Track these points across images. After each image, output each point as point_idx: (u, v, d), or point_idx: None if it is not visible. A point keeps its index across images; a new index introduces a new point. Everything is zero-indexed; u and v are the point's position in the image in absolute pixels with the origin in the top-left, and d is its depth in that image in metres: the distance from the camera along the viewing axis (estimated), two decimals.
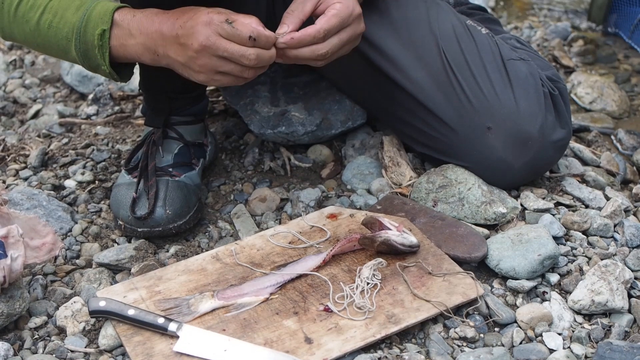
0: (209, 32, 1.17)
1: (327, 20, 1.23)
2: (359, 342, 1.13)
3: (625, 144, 1.74)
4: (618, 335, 1.18)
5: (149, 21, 1.22)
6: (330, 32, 1.24)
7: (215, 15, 1.18)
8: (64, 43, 1.28)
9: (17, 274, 1.16)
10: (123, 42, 1.24)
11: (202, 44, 1.17)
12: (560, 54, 2.16)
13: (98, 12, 1.25)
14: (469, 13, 1.65)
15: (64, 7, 1.27)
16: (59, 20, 1.27)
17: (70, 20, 1.26)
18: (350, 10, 1.25)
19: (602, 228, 1.40)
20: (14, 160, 1.68)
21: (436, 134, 1.45)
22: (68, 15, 1.26)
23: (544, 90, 1.44)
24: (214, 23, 1.17)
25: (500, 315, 1.21)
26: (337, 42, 1.25)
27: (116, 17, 1.24)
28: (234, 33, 1.17)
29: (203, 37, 1.17)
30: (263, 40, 1.19)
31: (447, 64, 1.43)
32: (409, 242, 1.27)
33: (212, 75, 1.21)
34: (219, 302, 1.19)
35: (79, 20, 1.25)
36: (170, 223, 1.37)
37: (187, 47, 1.19)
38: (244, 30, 1.17)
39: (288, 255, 1.30)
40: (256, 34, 1.17)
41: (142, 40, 1.23)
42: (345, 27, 1.25)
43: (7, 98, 1.97)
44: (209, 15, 1.18)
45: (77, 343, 1.17)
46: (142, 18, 1.23)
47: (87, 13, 1.25)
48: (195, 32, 1.18)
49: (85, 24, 1.25)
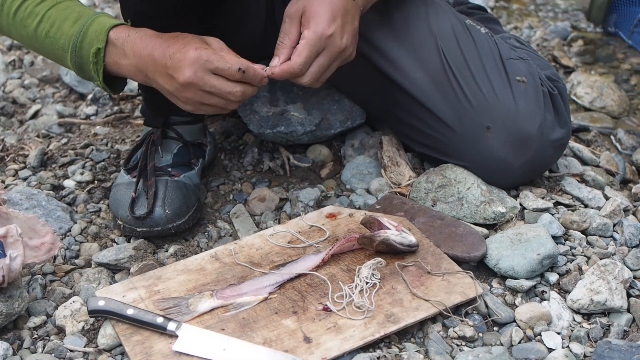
0: (196, 68, 1.18)
1: (299, 53, 1.24)
2: (358, 341, 1.13)
3: (625, 144, 1.74)
4: (617, 334, 1.18)
5: (142, 44, 1.23)
6: (306, 63, 1.24)
7: (204, 51, 1.18)
8: (60, 53, 1.29)
9: (16, 273, 1.16)
10: (117, 60, 1.26)
11: (188, 80, 1.19)
12: (560, 54, 2.16)
13: (95, 28, 1.26)
14: (469, 12, 1.65)
15: (62, 18, 1.28)
16: (56, 31, 1.28)
17: (67, 33, 1.27)
18: (319, 34, 1.23)
19: (601, 227, 1.40)
20: (13, 161, 1.68)
21: (435, 134, 1.45)
22: (65, 27, 1.28)
23: (543, 89, 1.44)
24: (201, 60, 1.18)
25: (499, 315, 1.21)
26: (317, 68, 1.26)
27: (111, 35, 1.25)
28: (223, 67, 1.18)
29: (190, 72, 1.18)
30: (251, 74, 1.20)
31: (446, 64, 1.43)
32: (408, 242, 1.27)
33: (198, 106, 1.24)
34: (218, 301, 1.19)
35: (75, 34, 1.26)
36: (170, 223, 1.37)
37: (174, 79, 1.20)
38: (234, 63, 1.18)
39: (287, 254, 1.30)
40: (245, 66, 1.19)
41: (135, 62, 1.24)
42: (320, 51, 1.25)
43: (7, 98, 1.97)
44: (197, 51, 1.18)
45: (76, 342, 1.17)
46: (136, 39, 1.24)
47: (84, 28, 1.26)
48: (182, 67, 1.19)
49: (82, 38, 1.26)
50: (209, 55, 1.19)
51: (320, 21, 1.24)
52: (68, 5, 1.31)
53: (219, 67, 1.18)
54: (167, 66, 1.20)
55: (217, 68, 1.18)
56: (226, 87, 1.20)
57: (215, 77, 1.19)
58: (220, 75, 1.19)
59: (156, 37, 1.24)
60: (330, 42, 1.25)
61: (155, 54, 1.22)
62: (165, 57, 1.21)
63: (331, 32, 1.24)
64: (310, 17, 1.25)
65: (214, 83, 1.19)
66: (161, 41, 1.23)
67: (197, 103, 1.23)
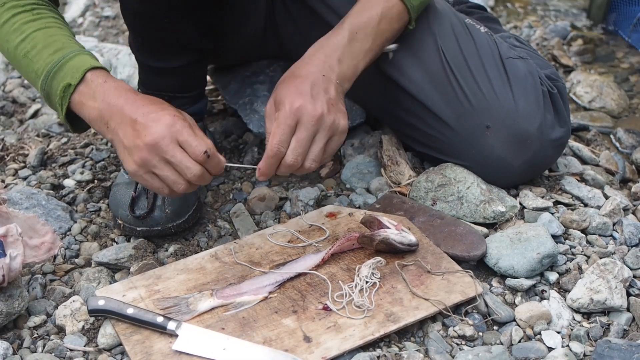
0: (167, 132, 1.15)
1: (273, 134, 1.21)
2: (358, 340, 1.13)
3: (625, 143, 1.74)
4: (617, 333, 1.18)
5: (116, 93, 1.21)
6: (283, 141, 1.21)
7: (180, 121, 1.17)
8: (33, 76, 1.28)
9: (16, 272, 1.16)
10: (84, 100, 1.23)
11: (154, 141, 1.15)
12: (560, 53, 2.16)
13: (73, 64, 1.24)
14: (469, 12, 1.65)
15: (44, 44, 1.27)
16: (35, 54, 1.27)
17: (45, 60, 1.26)
18: (287, 110, 1.21)
19: (601, 227, 1.40)
20: (13, 160, 1.68)
21: (435, 133, 1.45)
22: (44, 54, 1.26)
23: (542, 89, 1.44)
24: (176, 127, 1.16)
25: (499, 314, 1.21)
26: (297, 143, 1.21)
27: (88, 75, 1.23)
28: (192, 142, 1.16)
29: (159, 135, 1.15)
30: (214, 161, 1.18)
31: (446, 63, 1.43)
32: (408, 241, 1.27)
33: (144, 172, 1.18)
34: (218, 300, 1.19)
35: (52, 63, 1.25)
36: (169, 222, 1.37)
37: (139, 136, 1.17)
38: (203, 143, 1.16)
39: (287, 254, 1.30)
40: (212, 152, 1.17)
41: (101, 107, 1.21)
42: (294, 126, 1.21)
43: (6, 98, 1.97)
44: (174, 118, 1.17)
45: (76, 342, 1.17)
46: (111, 88, 1.22)
47: (63, 60, 1.24)
48: (153, 127, 1.16)
49: (57, 70, 1.24)
50: (183, 125, 1.17)
51: (287, 100, 1.22)
52: (55, 32, 1.29)
53: (188, 141, 1.15)
54: (137, 122, 1.17)
55: (186, 141, 1.16)
56: (187, 162, 1.16)
57: (179, 149, 1.16)
58: (184, 150, 1.17)
59: (132, 93, 1.22)
60: (301, 113, 1.21)
61: (126, 108, 1.19)
62: (138, 113, 1.18)
63: (299, 104, 1.21)
64: (279, 102, 1.23)
65: (176, 154, 1.15)
66: (136, 98, 1.21)
67: (146, 168, 1.18)
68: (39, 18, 1.30)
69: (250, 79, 1.73)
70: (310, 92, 1.23)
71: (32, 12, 1.31)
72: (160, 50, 1.40)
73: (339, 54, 1.30)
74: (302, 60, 1.31)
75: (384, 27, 1.34)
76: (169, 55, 1.41)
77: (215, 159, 1.19)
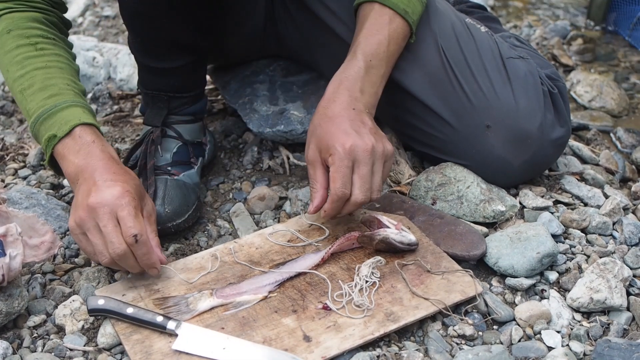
0: (110, 202, 1.15)
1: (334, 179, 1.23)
2: (358, 340, 1.13)
3: (625, 142, 1.74)
4: (616, 333, 1.18)
5: (100, 155, 1.22)
6: (346, 183, 1.23)
7: (129, 198, 1.17)
8: (25, 113, 1.30)
9: (16, 272, 1.16)
10: (66, 153, 1.24)
11: (95, 205, 1.16)
12: (560, 53, 2.16)
13: (64, 115, 1.25)
14: (469, 11, 1.65)
15: (41, 86, 1.28)
16: (30, 94, 1.28)
17: (38, 103, 1.27)
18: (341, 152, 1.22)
19: (600, 226, 1.40)
20: (12, 160, 1.68)
21: (435, 132, 1.45)
22: (39, 96, 1.27)
23: (543, 88, 1.44)
24: (121, 201, 1.16)
25: (499, 313, 1.21)
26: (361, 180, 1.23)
27: (77, 131, 1.24)
28: (126, 221, 1.15)
29: (101, 201, 1.16)
30: (142, 250, 1.16)
31: (446, 62, 1.43)
32: (408, 240, 1.27)
33: (79, 231, 1.18)
34: (217, 300, 1.19)
35: (44, 108, 1.26)
36: (169, 221, 1.37)
37: (87, 195, 1.17)
38: (135, 226, 1.15)
39: (287, 253, 1.30)
40: (143, 239, 1.15)
41: (80, 163, 1.22)
42: (352, 165, 1.23)
43: (6, 97, 1.97)
44: (125, 192, 1.17)
45: (76, 341, 1.17)
46: (97, 149, 1.23)
47: (54, 110, 1.25)
48: (102, 193, 1.17)
49: (47, 117, 1.25)
50: (129, 203, 1.16)
51: (337, 143, 1.23)
52: (54, 75, 1.30)
53: (125, 218, 1.15)
54: (95, 184, 1.18)
55: (123, 217, 1.15)
56: (114, 236, 1.15)
57: (114, 222, 1.15)
58: (118, 225, 1.16)
59: (113, 161, 1.23)
60: (355, 152, 1.23)
61: (98, 170, 1.20)
62: (102, 177, 1.19)
63: (350, 144, 1.23)
64: (327, 148, 1.24)
65: (109, 225, 1.15)
66: (112, 165, 1.21)
67: (82, 229, 1.18)
68: (42, 55, 1.31)
69: (250, 78, 1.73)
70: (352, 128, 1.25)
71: (35, 47, 1.31)
72: (160, 50, 1.40)
73: (359, 85, 1.32)
74: (327, 99, 1.31)
75: (392, 48, 1.36)
76: (168, 55, 1.41)
77: (143, 248, 1.16)
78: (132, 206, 1.17)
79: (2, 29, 1.33)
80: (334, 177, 1.23)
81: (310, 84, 1.69)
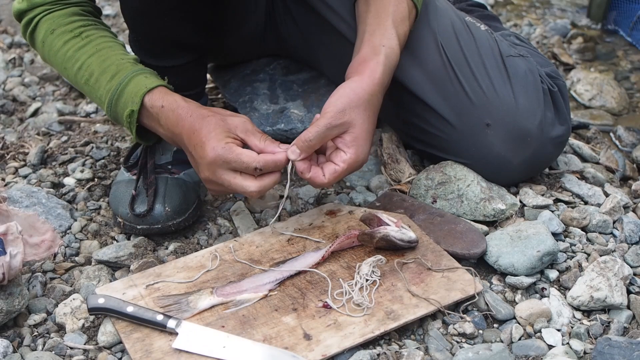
0: (214, 168, 1.23)
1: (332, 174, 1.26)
2: (358, 338, 1.13)
3: (625, 141, 1.74)
4: (617, 331, 1.18)
5: (174, 119, 1.27)
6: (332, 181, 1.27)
7: (220, 151, 1.21)
8: (98, 102, 1.35)
9: (16, 271, 1.16)
10: (154, 125, 1.31)
11: (206, 178, 1.26)
12: (560, 51, 2.16)
13: (131, 89, 1.29)
14: (469, 10, 1.65)
15: (100, 71, 1.32)
16: (95, 82, 1.33)
17: (105, 87, 1.32)
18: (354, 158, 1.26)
19: (601, 224, 1.40)
20: (13, 158, 1.68)
21: (435, 131, 1.45)
22: (103, 81, 1.32)
23: (543, 86, 1.44)
24: (218, 161, 1.21)
25: (499, 312, 1.21)
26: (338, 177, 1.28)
27: (146, 101, 1.29)
28: (239, 167, 1.21)
29: (208, 173, 1.24)
30: (270, 167, 1.23)
31: (446, 61, 1.43)
32: (408, 238, 1.27)
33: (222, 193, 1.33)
34: (218, 298, 1.19)
35: (112, 90, 1.31)
36: (170, 220, 1.37)
37: (198, 170, 1.28)
38: (250, 162, 1.21)
39: (287, 252, 1.30)
40: (262, 163, 1.21)
41: (169, 135, 1.30)
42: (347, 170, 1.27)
43: (7, 96, 1.97)
44: (214, 152, 1.21)
45: (76, 340, 1.17)
46: (169, 113, 1.28)
47: (120, 87, 1.30)
48: (201, 165, 1.25)
49: (118, 96, 1.30)
50: (226, 156, 1.21)
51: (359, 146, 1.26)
52: (108, 55, 1.34)
53: (236, 168, 1.22)
54: (192, 155, 1.27)
55: (234, 168, 1.22)
56: (242, 184, 1.22)
57: (232, 175, 1.23)
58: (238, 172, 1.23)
59: (185, 116, 1.26)
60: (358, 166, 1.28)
61: (184, 137, 1.26)
62: (191, 145, 1.25)
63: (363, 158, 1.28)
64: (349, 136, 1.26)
65: (230, 181, 1.23)
66: (189, 122, 1.26)
67: (222, 191, 1.31)
68: (89, 41, 1.35)
69: (250, 77, 1.73)
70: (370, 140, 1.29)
71: (81, 37, 1.35)
72: (160, 48, 1.40)
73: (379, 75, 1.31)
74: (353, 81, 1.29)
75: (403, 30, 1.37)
76: (168, 53, 1.41)
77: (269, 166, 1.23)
78: (229, 152, 1.21)
79: (45, 32, 1.37)
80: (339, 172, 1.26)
81: (310, 83, 1.69)
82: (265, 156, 1.22)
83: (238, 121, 1.26)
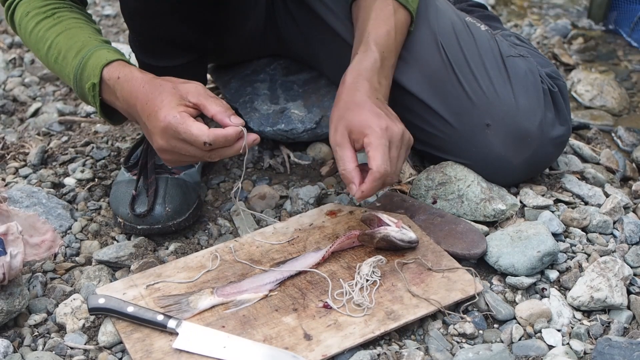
0: (167, 137, 1.19)
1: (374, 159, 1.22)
2: (358, 338, 1.13)
3: (625, 141, 1.74)
4: (617, 331, 1.18)
5: (128, 89, 1.24)
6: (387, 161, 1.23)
7: (172, 120, 1.17)
8: (67, 79, 1.33)
9: (17, 271, 1.16)
10: (112, 100, 1.28)
11: (160, 147, 1.21)
12: (560, 52, 2.16)
13: (92, 63, 1.27)
14: (469, 10, 1.65)
15: (67, 47, 1.31)
16: (62, 60, 1.31)
17: (71, 63, 1.30)
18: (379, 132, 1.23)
19: (601, 225, 1.40)
20: (13, 158, 1.68)
21: (435, 131, 1.45)
22: (69, 57, 1.30)
23: (543, 87, 1.44)
24: (169, 130, 1.18)
25: (500, 312, 1.21)
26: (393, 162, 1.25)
27: (104, 74, 1.26)
28: (189, 140, 1.17)
29: (161, 142, 1.20)
30: (220, 142, 1.18)
31: (446, 61, 1.43)
32: (408, 238, 1.27)
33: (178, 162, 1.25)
34: (218, 299, 1.19)
35: (76, 65, 1.29)
36: (170, 220, 1.37)
37: (151, 140, 1.23)
38: (199, 136, 1.16)
39: (287, 252, 1.30)
40: (212, 138, 1.17)
41: (125, 107, 1.26)
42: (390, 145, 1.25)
43: (7, 96, 1.97)
44: (165, 120, 1.17)
45: (76, 340, 1.17)
46: (124, 84, 1.24)
47: (83, 61, 1.28)
48: (154, 134, 1.21)
49: (81, 71, 1.28)
50: (177, 125, 1.17)
51: (374, 124, 1.24)
52: (75, 33, 1.32)
53: (186, 140, 1.18)
54: (146, 126, 1.22)
55: (185, 140, 1.18)
56: (196, 152, 1.19)
57: (186, 144, 1.18)
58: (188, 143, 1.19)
59: (139, 86, 1.23)
60: (391, 133, 1.25)
61: (139, 107, 1.22)
62: (144, 115, 1.21)
63: (386, 125, 1.25)
64: (362, 129, 1.25)
65: (187, 149, 1.19)
66: (143, 92, 1.22)
67: (177, 161, 1.24)
68: (60, 21, 1.33)
69: (250, 77, 1.73)
70: (384, 113, 1.27)
71: (53, 17, 1.34)
72: (160, 49, 1.41)
73: (377, 77, 1.34)
74: (349, 88, 1.31)
75: (399, 39, 1.38)
76: (169, 54, 1.41)
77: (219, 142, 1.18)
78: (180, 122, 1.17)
79: (21, 14, 1.36)
80: (374, 155, 1.23)
81: (310, 83, 1.69)
82: (215, 131, 1.18)
83: (190, 87, 1.23)
